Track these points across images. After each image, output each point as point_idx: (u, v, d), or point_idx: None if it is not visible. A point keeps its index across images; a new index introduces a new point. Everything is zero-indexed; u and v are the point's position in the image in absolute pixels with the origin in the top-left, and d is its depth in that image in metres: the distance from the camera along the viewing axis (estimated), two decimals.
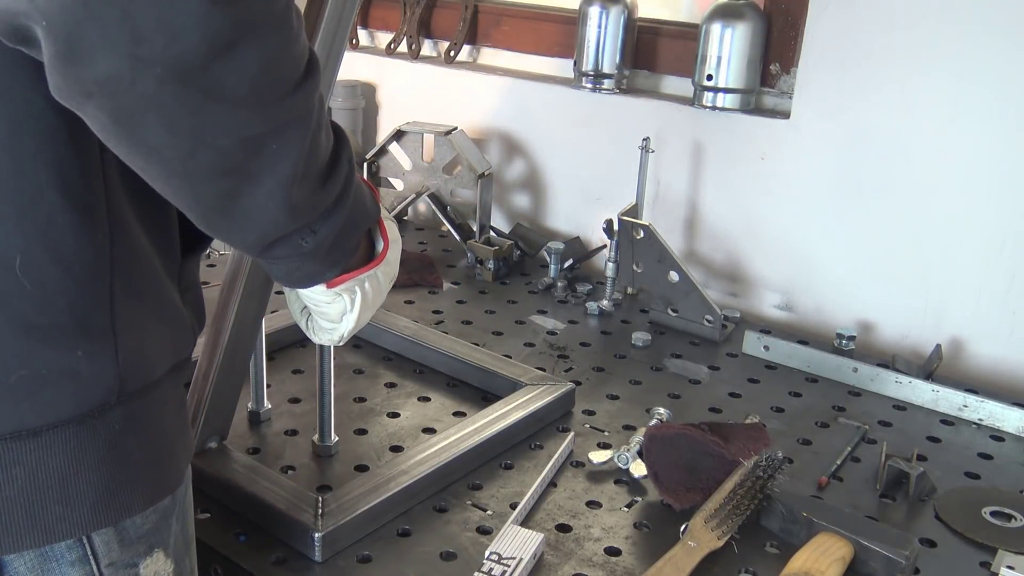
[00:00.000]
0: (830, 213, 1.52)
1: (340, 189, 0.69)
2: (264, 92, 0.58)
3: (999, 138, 1.35)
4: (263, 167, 0.61)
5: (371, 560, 0.93)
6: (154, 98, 0.54)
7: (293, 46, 0.59)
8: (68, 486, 0.65)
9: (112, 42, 0.52)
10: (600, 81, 1.71)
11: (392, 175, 1.82)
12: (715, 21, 1.55)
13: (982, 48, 1.33)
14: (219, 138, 0.58)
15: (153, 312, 0.69)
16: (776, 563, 0.94)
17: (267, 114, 0.59)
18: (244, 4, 0.54)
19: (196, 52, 0.53)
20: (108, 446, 0.66)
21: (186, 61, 0.53)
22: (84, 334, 0.64)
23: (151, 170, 0.60)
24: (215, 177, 0.60)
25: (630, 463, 1.08)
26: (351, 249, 0.76)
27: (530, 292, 1.63)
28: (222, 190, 0.61)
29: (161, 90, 0.54)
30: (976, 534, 1.01)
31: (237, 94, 0.56)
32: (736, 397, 1.29)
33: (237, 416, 1.07)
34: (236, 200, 0.62)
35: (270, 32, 0.56)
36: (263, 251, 0.68)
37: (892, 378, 1.31)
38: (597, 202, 1.76)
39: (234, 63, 0.55)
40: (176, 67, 0.53)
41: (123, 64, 0.52)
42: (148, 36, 0.52)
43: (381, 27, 2.10)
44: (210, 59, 0.54)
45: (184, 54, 0.53)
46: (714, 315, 1.45)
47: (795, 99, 1.53)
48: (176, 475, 0.73)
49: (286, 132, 0.61)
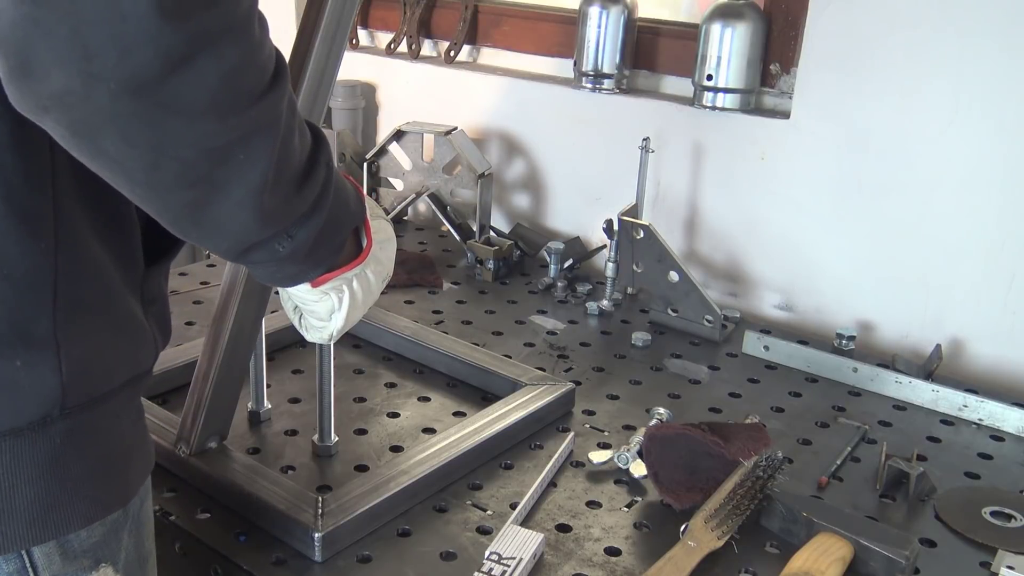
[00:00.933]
0: (830, 213, 1.52)
1: (317, 193, 0.68)
2: (225, 103, 0.57)
3: (999, 138, 1.35)
4: (230, 177, 0.60)
5: (371, 560, 0.93)
6: (109, 112, 0.54)
7: (255, 56, 0.58)
8: (3, 500, 0.63)
9: (63, 58, 0.52)
10: (600, 81, 1.71)
11: (392, 175, 1.82)
12: (715, 21, 1.55)
13: (982, 48, 1.33)
14: (181, 150, 0.57)
15: (106, 324, 0.68)
16: (776, 563, 0.94)
17: (230, 125, 0.58)
18: (198, 18, 0.53)
19: (150, 67, 0.53)
20: (48, 460, 0.65)
21: (140, 76, 0.53)
22: (23, 344, 0.62)
23: (116, 180, 0.59)
24: (181, 187, 0.60)
25: (630, 463, 1.08)
26: (334, 249, 0.76)
27: (530, 292, 1.62)
28: (189, 200, 0.61)
29: (116, 104, 0.53)
30: (976, 534, 1.01)
31: (196, 107, 0.55)
32: (736, 397, 1.29)
33: (237, 416, 1.07)
34: (205, 209, 0.61)
35: (229, 44, 0.55)
36: (239, 256, 0.68)
37: (892, 378, 1.31)
38: (597, 202, 1.76)
39: (191, 76, 0.54)
40: (130, 82, 0.53)
41: (75, 80, 0.52)
42: (99, 52, 0.51)
43: (381, 27, 2.10)
44: (165, 73, 0.53)
45: (137, 69, 0.52)
46: (714, 315, 1.45)
47: (795, 99, 1.53)
48: (127, 489, 0.72)
49: (252, 141, 0.60)
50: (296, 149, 0.65)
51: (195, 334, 1.37)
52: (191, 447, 1.02)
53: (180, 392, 1.11)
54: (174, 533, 0.96)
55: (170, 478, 1.03)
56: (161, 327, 0.76)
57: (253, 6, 0.58)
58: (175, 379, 1.19)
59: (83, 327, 0.66)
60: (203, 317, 1.44)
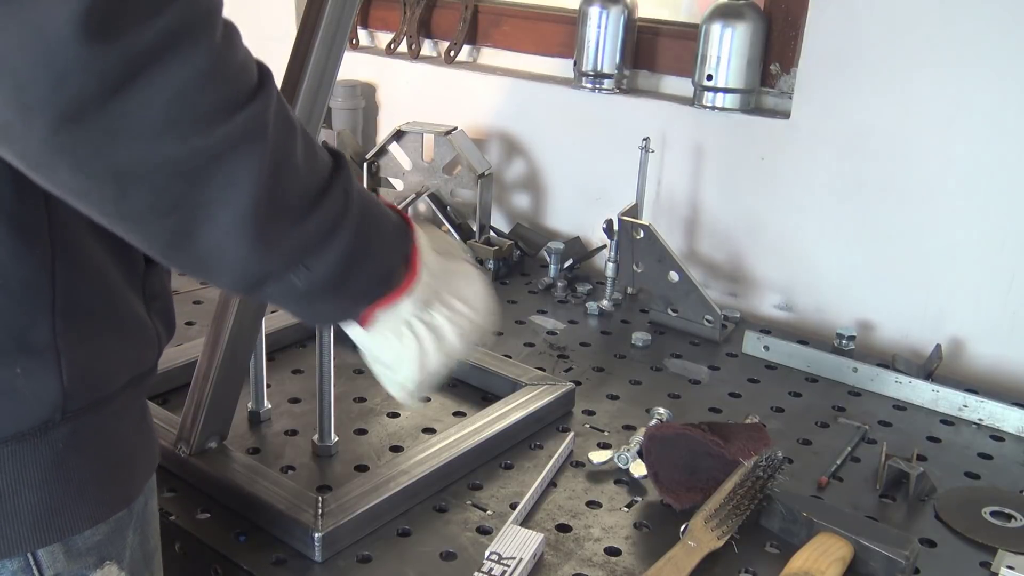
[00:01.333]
0: (830, 213, 1.52)
1: (333, 219, 0.63)
2: (184, 121, 0.53)
3: (999, 138, 1.35)
4: (211, 200, 0.56)
5: (371, 560, 0.93)
6: (54, 144, 0.51)
7: (217, 67, 0.54)
8: (7, 504, 0.63)
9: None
10: (600, 81, 1.71)
11: (392, 175, 1.82)
12: (715, 21, 1.55)
13: (982, 48, 1.33)
14: (146, 176, 0.53)
15: (107, 326, 0.67)
16: (776, 563, 0.94)
17: (198, 143, 0.54)
18: (133, 33, 0.49)
19: (86, 94, 0.49)
20: (51, 464, 0.64)
21: (77, 103, 0.50)
22: (22, 351, 0.62)
23: (91, 212, 0.56)
24: (157, 216, 0.56)
25: (630, 463, 1.08)
26: (374, 282, 0.69)
27: (530, 292, 1.62)
28: (172, 228, 0.57)
29: (58, 136, 0.50)
30: (976, 534, 1.01)
31: (149, 128, 0.52)
32: (736, 397, 1.29)
33: (237, 416, 1.07)
34: (192, 238, 0.57)
35: (177, 58, 0.51)
36: (252, 290, 0.63)
37: (892, 378, 1.31)
38: (597, 202, 1.76)
39: (135, 96, 0.50)
40: (68, 111, 0.50)
41: (11, 112, 0.50)
42: (30, 82, 0.49)
43: (381, 27, 2.10)
44: (104, 98, 0.50)
45: (73, 97, 0.49)
46: (714, 315, 1.45)
47: (795, 99, 1.53)
48: (131, 489, 0.71)
49: (231, 159, 0.55)
50: (299, 169, 0.61)
51: (195, 334, 1.37)
52: (191, 447, 1.02)
53: (180, 392, 1.11)
54: (174, 533, 0.96)
55: (170, 478, 1.03)
56: (165, 323, 0.75)
57: (209, 14, 0.54)
58: (175, 379, 1.19)
59: (84, 331, 0.65)
60: (203, 317, 1.44)
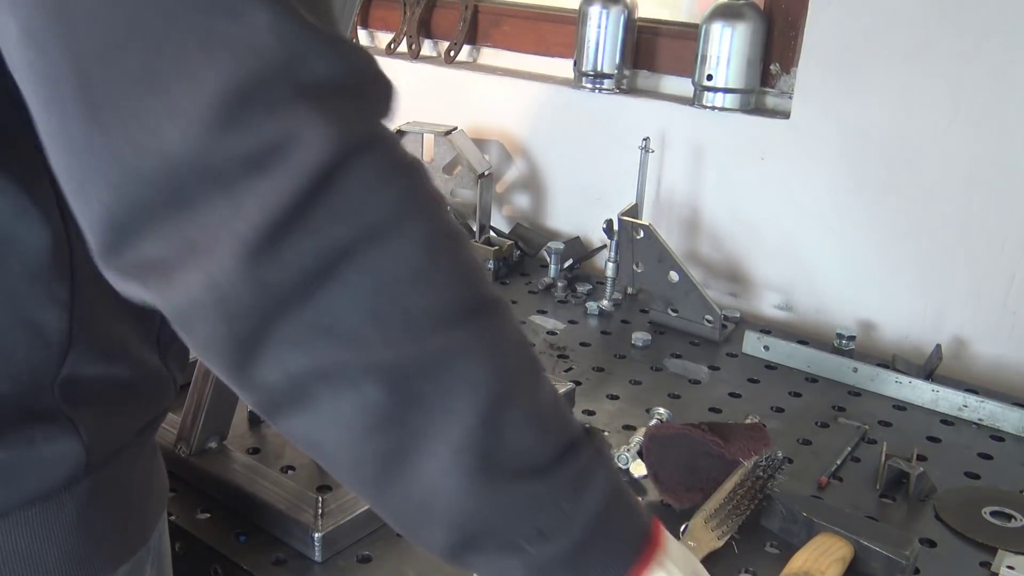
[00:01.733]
0: (830, 213, 1.52)
1: (579, 477, 0.52)
2: (397, 323, 0.46)
3: (999, 138, 1.35)
4: (424, 424, 0.47)
5: (371, 560, 0.93)
6: (245, 382, 0.48)
7: (423, 271, 0.47)
8: (35, 561, 0.63)
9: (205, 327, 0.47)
10: (600, 81, 1.71)
11: None
12: (715, 21, 1.55)
13: (982, 48, 1.33)
14: (352, 385, 0.47)
15: (122, 383, 0.67)
16: (776, 563, 0.93)
17: (406, 352, 0.46)
18: (313, 239, 0.43)
19: (261, 320, 0.45)
20: (75, 518, 0.65)
21: (257, 335, 0.46)
22: (39, 420, 0.62)
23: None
24: (361, 438, 0.48)
25: (630, 463, 1.07)
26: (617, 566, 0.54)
27: (530, 292, 1.62)
28: (378, 454, 0.49)
29: (246, 371, 0.47)
30: (976, 534, 1.01)
31: (348, 331, 0.46)
32: (736, 397, 1.29)
33: (237, 416, 1.07)
34: (401, 470, 0.48)
35: (379, 244, 0.45)
36: (459, 554, 0.52)
37: (892, 378, 1.31)
38: (597, 202, 1.76)
39: (324, 302, 0.45)
40: (246, 347, 0.46)
41: (204, 356, 0.48)
42: (212, 340, 0.47)
43: (381, 27, 2.10)
44: (282, 315, 0.45)
45: (253, 330, 0.46)
46: (714, 315, 1.45)
47: (795, 99, 1.53)
48: (148, 526, 0.72)
49: (448, 375, 0.47)
50: (540, 410, 0.52)
51: None
52: (191, 447, 1.02)
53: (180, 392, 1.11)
54: (174, 533, 0.96)
55: (170, 478, 1.03)
56: (180, 364, 0.75)
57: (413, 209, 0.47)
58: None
59: (99, 394, 0.65)
60: None
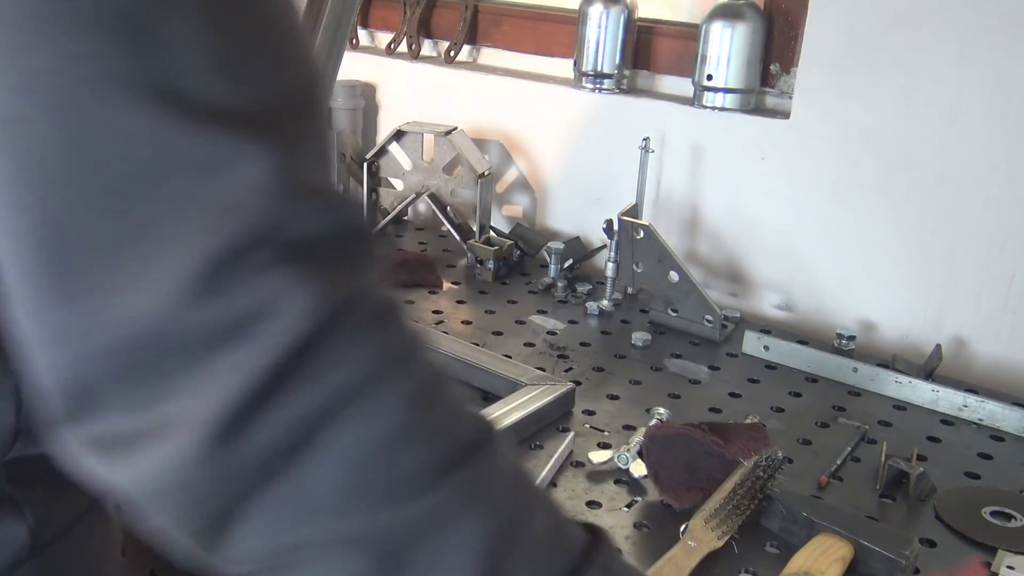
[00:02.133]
0: (830, 213, 1.52)
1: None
2: (378, 489, 0.44)
3: (999, 138, 1.35)
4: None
5: None
6: (220, 557, 0.45)
7: (414, 424, 0.45)
8: None
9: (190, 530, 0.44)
10: (600, 81, 1.71)
11: (392, 175, 1.82)
12: (715, 21, 1.55)
13: (983, 48, 1.33)
14: (332, 554, 0.44)
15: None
16: (776, 563, 0.93)
17: (392, 518, 0.44)
18: (294, 401, 0.41)
19: (231, 501, 0.43)
20: None
21: (224, 513, 0.43)
22: None
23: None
24: None
25: (630, 463, 1.07)
26: None
27: (530, 292, 1.62)
28: None
29: (218, 550, 0.44)
30: (976, 534, 1.01)
31: (328, 503, 0.43)
32: (736, 397, 1.29)
33: None
34: None
35: (357, 408, 0.43)
36: None
37: (892, 378, 1.31)
38: (597, 202, 1.76)
39: (305, 472, 0.42)
40: (216, 525, 0.43)
41: (177, 535, 0.45)
42: (182, 522, 0.44)
43: (381, 27, 2.10)
44: (260, 488, 0.42)
45: (221, 508, 0.43)
46: (714, 315, 1.45)
47: (795, 99, 1.53)
48: None
49: (438, 535, 0.45)
50: (541, 545, 0.50)
51: None
52: None
53: None
54: None
55: None
56: None
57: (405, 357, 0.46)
58: None
59: (47, 472, 0.57)
60: None
